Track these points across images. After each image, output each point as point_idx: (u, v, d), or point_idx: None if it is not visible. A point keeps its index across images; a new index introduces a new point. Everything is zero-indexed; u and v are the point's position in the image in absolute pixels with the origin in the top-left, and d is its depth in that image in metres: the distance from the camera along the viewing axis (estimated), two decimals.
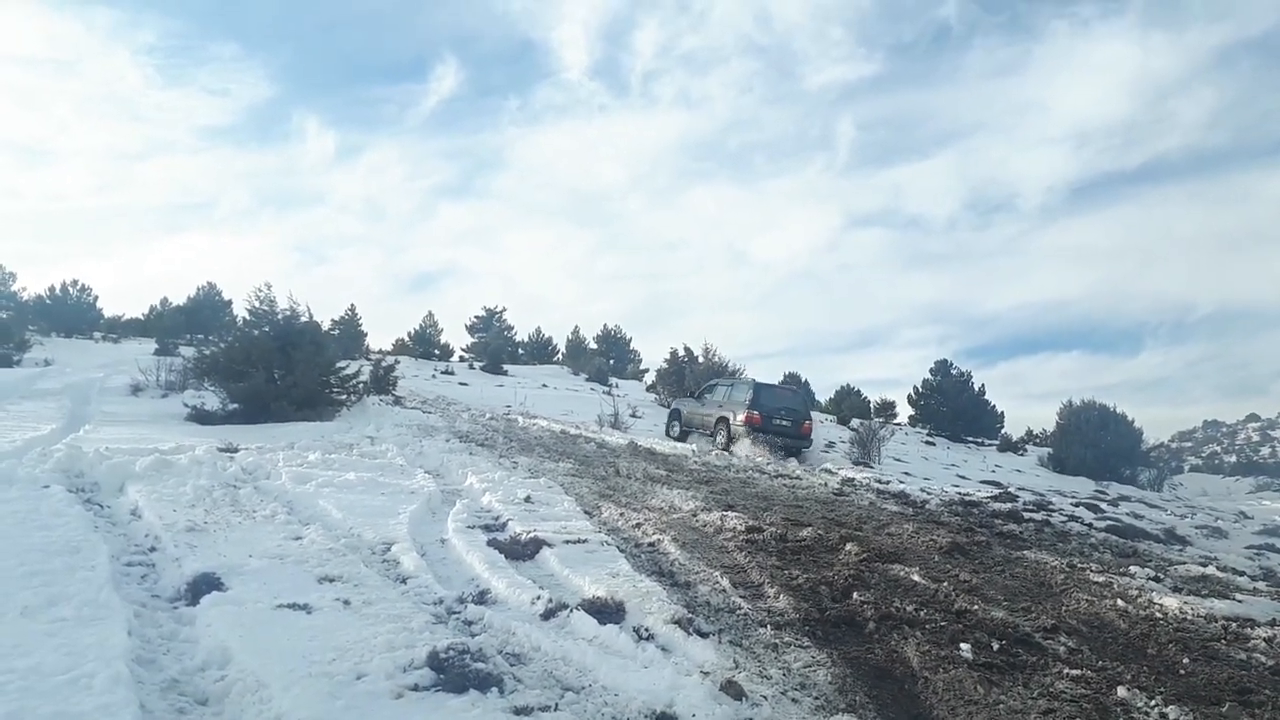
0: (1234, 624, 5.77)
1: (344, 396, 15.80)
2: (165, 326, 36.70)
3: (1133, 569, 7.44)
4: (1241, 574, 7.92)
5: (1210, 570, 7.90)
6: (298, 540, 6.16)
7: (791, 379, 47.83)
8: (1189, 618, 5.87)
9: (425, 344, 44.87)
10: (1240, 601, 6.37)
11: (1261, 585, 7.42)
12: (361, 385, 16.65)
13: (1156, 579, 7.11)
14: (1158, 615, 5.89)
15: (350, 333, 40.73)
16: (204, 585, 4.93)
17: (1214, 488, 30.04)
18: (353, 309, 44.47)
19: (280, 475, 8.50)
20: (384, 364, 20.99)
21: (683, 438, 20.52)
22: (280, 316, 16.27)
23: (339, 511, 7.16)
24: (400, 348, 44.61)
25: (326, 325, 29.31)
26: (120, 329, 38.97)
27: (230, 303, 39.94)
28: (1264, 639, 5.52)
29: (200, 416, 13.45)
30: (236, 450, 9.89)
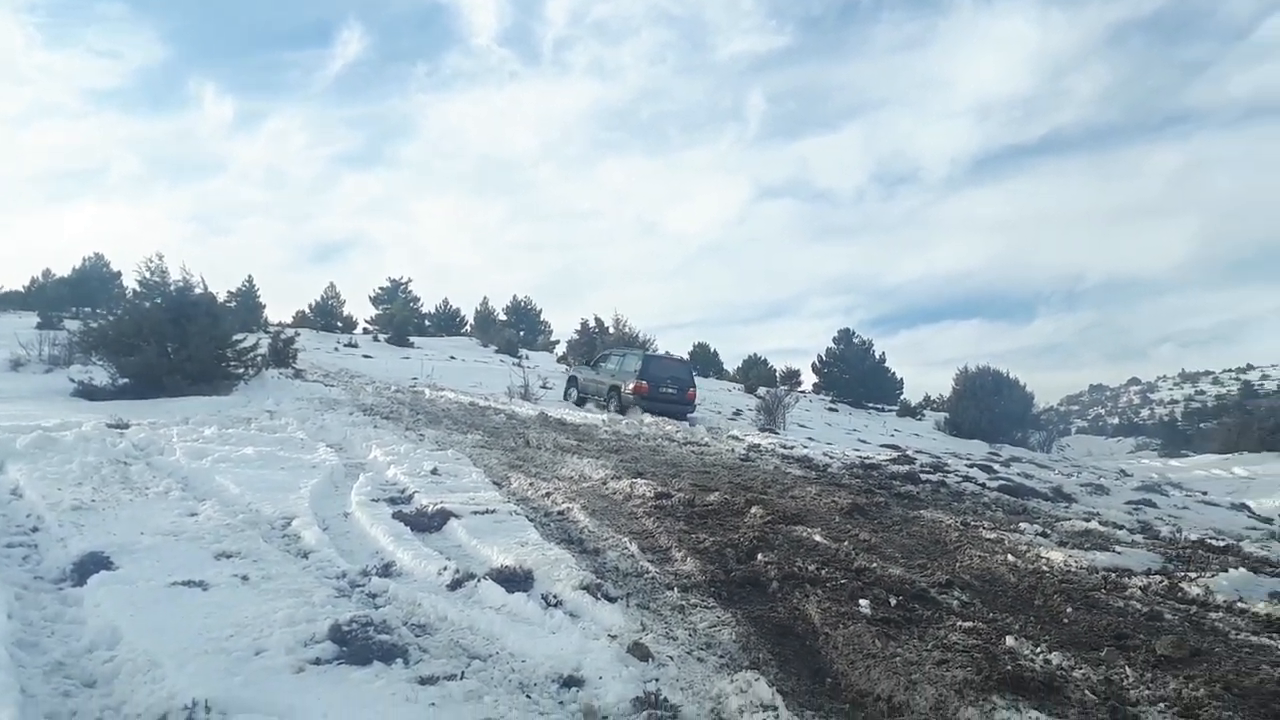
0: (1113, 574, 6.09)
1: (241, 370, 15.34)
2: (48, 299, 34.90)
3: (1022, 526, 7.77)
4: (1121, 528, 8.35)
5: (1093, 525, 8.31)
6: (193, 517, 5.97)
7: (700, 349, 48.30)
8: (1073, 570, 6.16)
9: (327, 316, 43.76)
10: (1119, 553, 6.72)
11: (1139, 538, 7.84)
12: (260, 358, 16.19)
13: (1044, 534, 7.44)
14: (1044, 568, 6.17)
15: (248, 305, 39.47)
16: (92, 565, 4.72)
17: (1098, 448, 31.63)
18: (250, 280, 43.08)
19: (174, 451, 8.21)
20: (284, 336, 20.41)
21: (580, 404, 21.49)
22: (173, 288, 15.67)
23: (237, 487, 6.96)
24: (301, 320, 43.37)
25: (223, 297, 28.28)
26: None
27: (120, 274, 38.24)
28: (1139, 587, 5.84)
29: (88, 392, 12.87)
30: (127, 426, 9.50)
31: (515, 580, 4.97)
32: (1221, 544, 7.77)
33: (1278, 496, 11.82)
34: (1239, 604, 5.43)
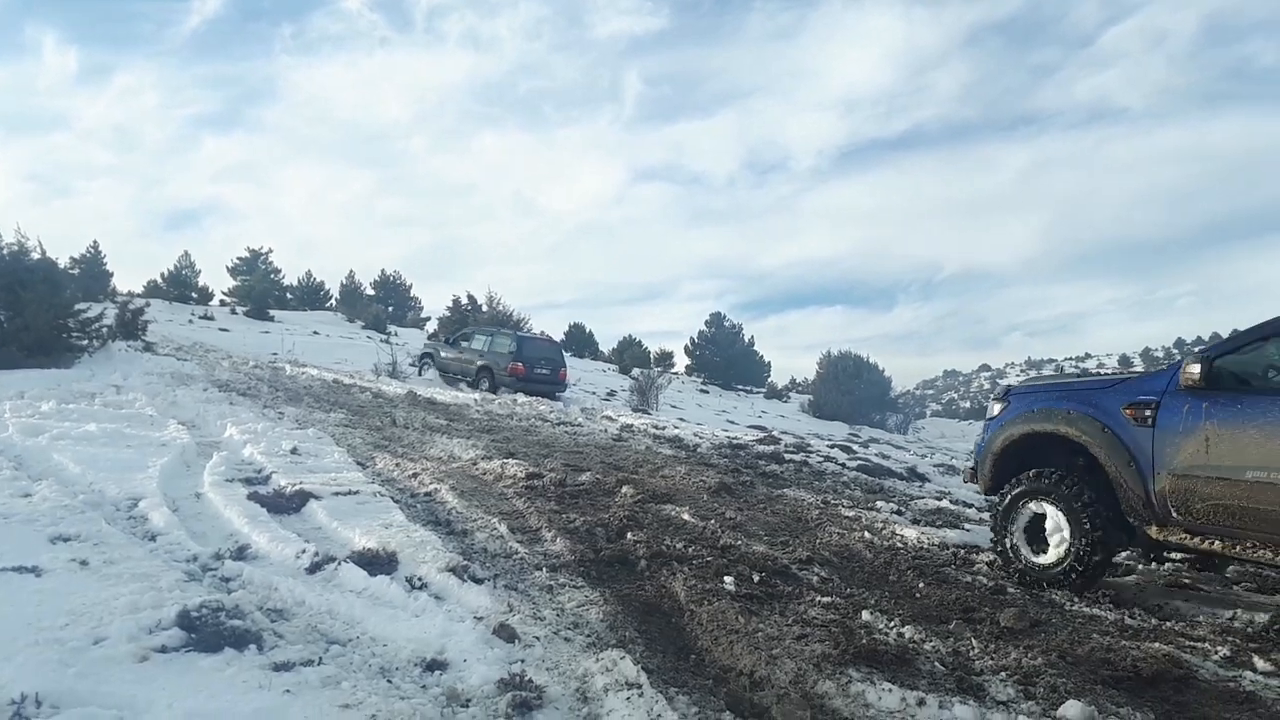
0: (962, 551, 6.42)
1: (85, 342, 14.41)
2: None
3: (879, 504, 8.11)
4: (970, 506, 8.81)
5: (945, 504, 8.73)
6: (26, 498, 5.56)
7: (576, 330, 48.28)
8: (925, 546, 6.47)
9: (181, 286, 41.55)
10: (968, 531, 7.10)
11: (986, 516, 8.29)
12: (105, 330, 15.25)
13: (899, 512, 7.78)
14: (899, 545, 6.45)
15: (93, 272, 37.08)
16: None
17: (951, 430, 33.24)
18: (95, 246, 40.46)
19: (6, 427, 7.64)
20: (132, 307, 19.26)
21: (452, 384, 21.25)
22: (5, 252, 14.54)
23: (78, 466, 6.53)
24: (153, 290, 41.02)
25: (65, 263, 26.47)
26: None
27: None
28: (986, 563, 6.17)
29: None
30: None
31: (378, 563, 4.85)
32: None
33: None
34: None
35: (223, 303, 42.41)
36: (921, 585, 5.50)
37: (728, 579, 5.09)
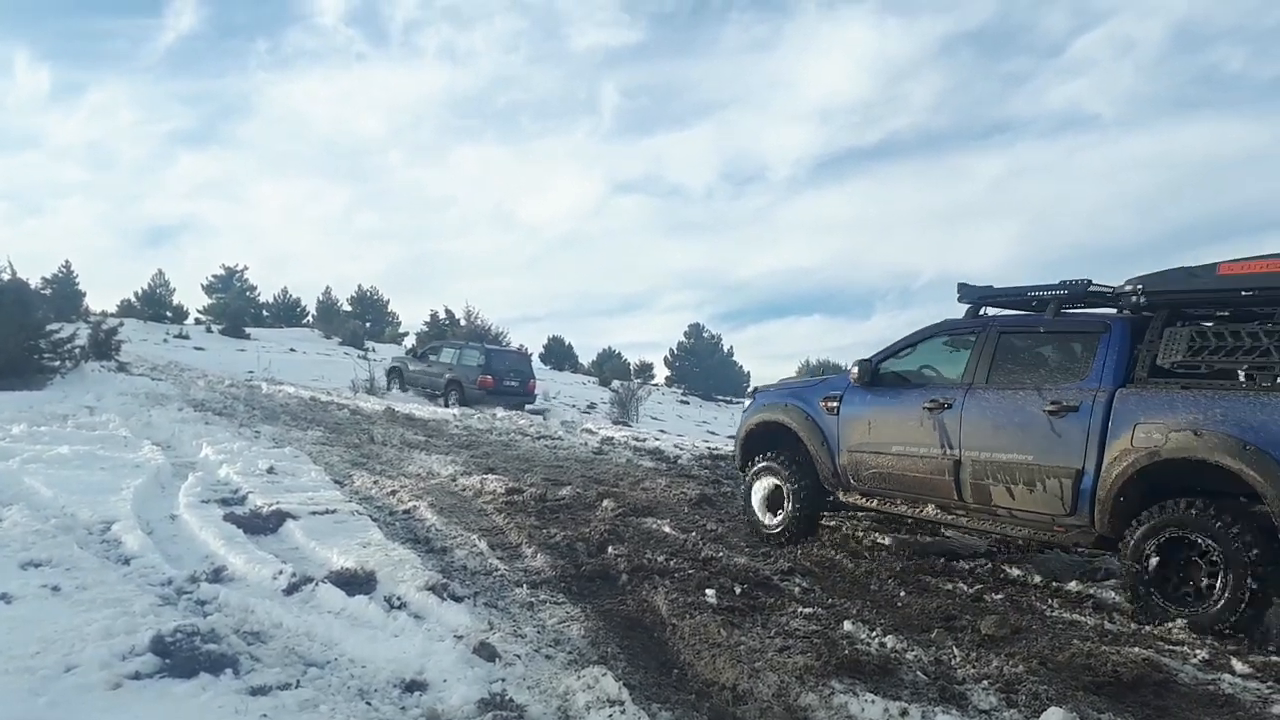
0: (943, 559, 6.43)
1: (57, 362, 14.24)
2: None
3: (860, 513, 8.10)
4: None
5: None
6: None
7: (555, 342, 48.26)
8: (906, 555, 6.47)
9: (156, 305, 41.11)
10: (949, 538, 7.11)
11: None
12: (78, 350, 15.07)
13: (880, 522, 7.78)
14: (880, 554, 6.46)
15: (65, 292, 36.56)
16: None
17: None
18: (68, 265, 39.94)
19: None
20: (106, 327, 19.06)
21: (432, 398, 21.25)
22: None
23: (49, 489, 6.44)
24: (127, 309, 40.56)
25: (36, 283, 26.16)
26: None
27: None
28: (967, 570, 6.19)
29: None
30: None
31: (356, 583, 4.80)
32: None
33: None
34: (1054, 584, 5.84)
35: (198, 321, 42.00)
36: (903, 594, 5.50)
37: (709, 592, 5.07)
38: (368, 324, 45.44)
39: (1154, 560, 4.97)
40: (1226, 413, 4.79)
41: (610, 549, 6.04)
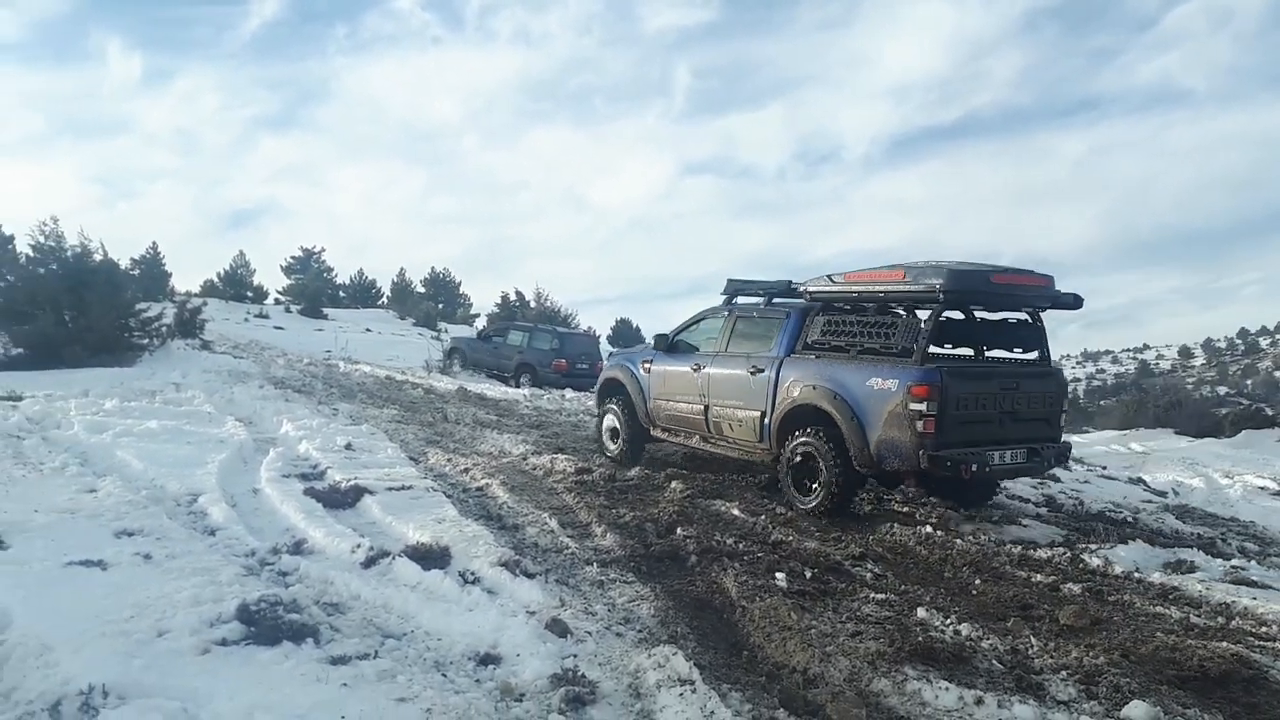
0: (1019, 547, 6.28)
1: (145, 341, 14.75)
2: None
3: (932, 499, 7.96)
4: (1027, 501, 8.63)
5: (1000, 499, 8.57)
6: (92, 493, 5.73)
7: (623, 325, 48.41)
8: (981, 543, 6.33)
9: (237, 285, 42.27)
10: (1025, 526, 6.95)
11: (1043, 511, 8.11)
12: (165, 329, 15.58)
13: (953, 508, 7.63)
14: (954, 542, 6.34)
15: (152, 273, 37.87)
16: None
17: None
18: (155, 247, 41.29)
19: (73, 425, 7.86)
20: (190, 306, 19.67)
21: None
22: (70, 254, 14.94)
23: (140, 462, 6.70)
24: (209, 290, 41.81)
25: (125, 264, 27.10)
26: None
27: (12, 238, 36.28)
28: (1044, 559, 6.03)
29: None
30: (21, 399, 9.07)
31: (431, 557, 4.89)
32: (1120, 517, 8.09)
33: (1170, 471, 12.36)
34: (1136, 574, 5.66)
35: (277, 301, 43.06)
36: (978, 582, 5.39)
37: (779, 575, 5.04)
38: (440, 305, 46.04)
39: (791, 469, 7.15)
40: (830, 374, 7.04)
41: (679, 530, 6.05)
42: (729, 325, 8.38)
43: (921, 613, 4.62)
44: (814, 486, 6.98)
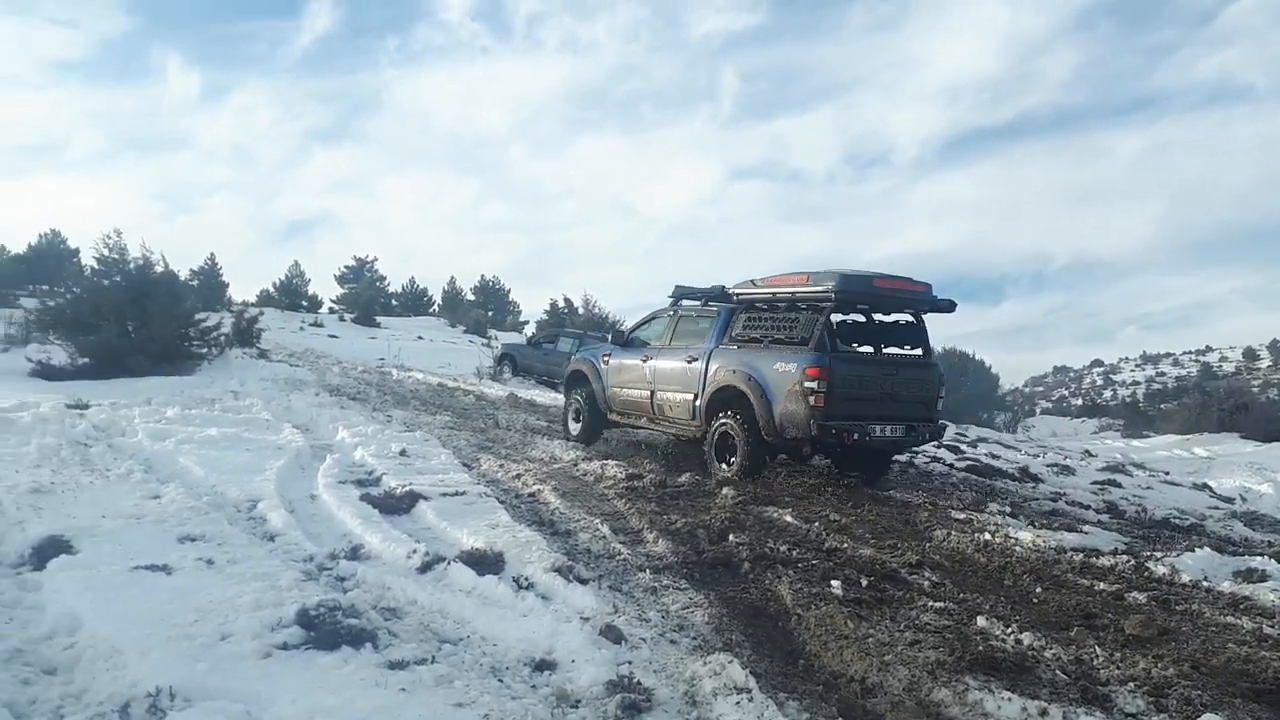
0: (1081, 554, 6.14)
1: (205, 350, 15.09)
2: (2, 276, 33.98)
3: (991, 506, 7.83)
4: (1088, 508, 8.46)
5: (1060, 505, 8.41)
6: (156, 499, 5.86)
7: None
8: (1041, 550, 6.20)
9: (292, 295, 43.14)
10: (1087, 533, 6.78)
11: (1105, 517, 7.94)
12: (223, 338, 15.92)
13: (1012, 515, 7.49)
14: (1014, 549, 6.22)
15: (210, 283, 38.80)
16: (51, 549, 4.62)
17: (1062, 428, 32.05)
18: (213, 258, 42.34)
19: (136, 432, 8.06)
20: (247, 315, 20.09)
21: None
22: (132, 266, 15.36)
23: (201, 468, 6.84)
24: (265, 299, 42.71)
25: (185, 275, 27.81)
26: None
27: (77, 251, 37.37)
28: (1107, 567, 5.89)
29: (46, 372, 12.59)
30: (87, 407, 9.31)
31: (486, 563, 4.92)
32: (1186, 523, 7.89)
33: (1237, 476, 12.03)
34: (1204, 583, 5.50)
35: (331, 310, 43.81)
36: (1039, 590, 5.28)
37: (835, 583, 4.98)
38: (490, 313, 46.50)
39: (716, 442, 8.65)
40: (747, 361, 8.52)
41: (731, 537, 6.01)
42: (673, 323, 9.89)
43: (981, 621, 4.54)
44: (732, 460, 8.45)
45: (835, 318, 8.78)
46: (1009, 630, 4.44)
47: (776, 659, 4.11)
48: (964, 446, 14.32)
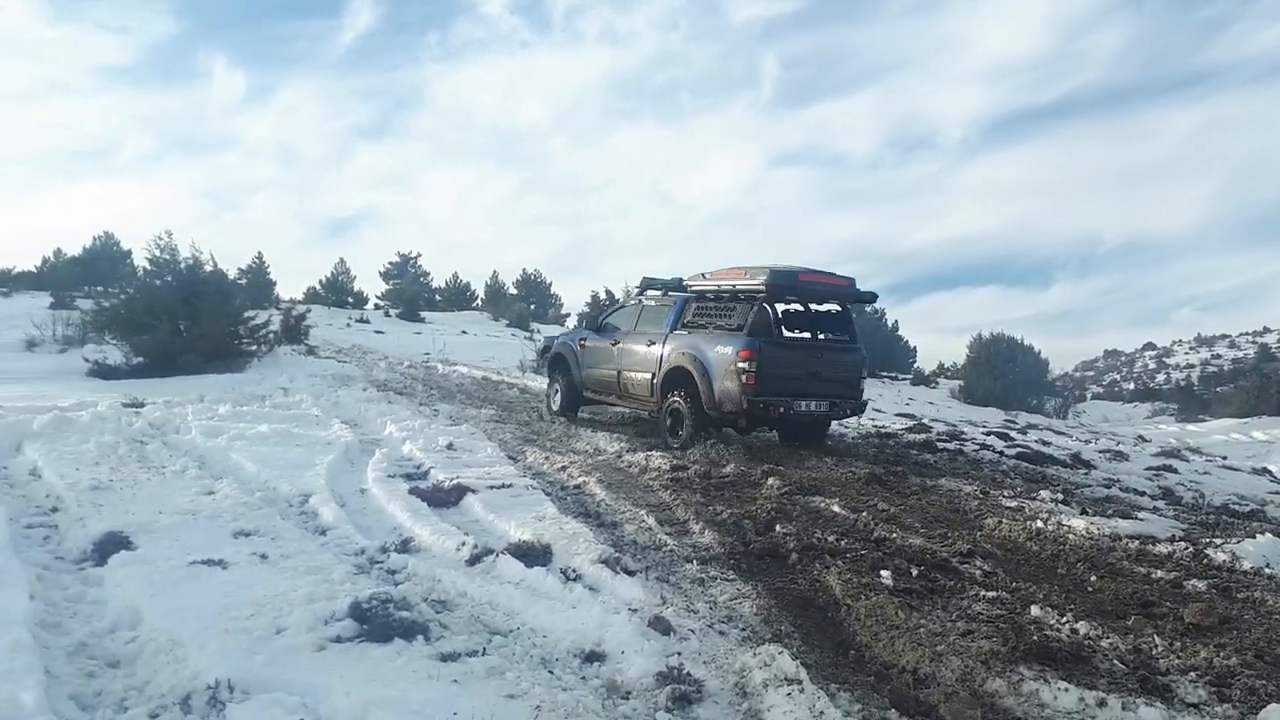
0: (1137, 542, 6.02)
1: (254, 347, 15.34)
2: (60, 279, 34.74)
3: (1042, 493, 7.70)
4: (1143, 494, 8.28)
5: (1114, 492, 8.24)
6: (210, 495, 5.97)
7: None
8: (1095, 537, 6.09)
9: (338, 292, 43.64)
10: (1142, 520, 6.64)
11: (1161, 504, 7.77)
12: (272, 335, 16.19)
13: (1064, 502, 7.36)
14: (1067, 536, 6.11)
15: (258, 281, 39.36)
16: (111, 545, 4.74)
17: (1114, 414, 31.43)
18: (260, 257, 42.96)
19: (190, 429, 8.21)
20: (295, 313, 20.39)
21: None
22: (183, 266, 15.66)
23: (253, 464, 6.96)
24: (312, 296, 43.28)
25: (233, 274, 28.28)
26: (10, 282, 36.83)
27: (130, 253, 38.19)
28: (1164, 554, 5.77)
29: (103, 371, 12.91)
30: (143, 405, 9.51)
31: (534, 555, 4.95)
32: (1245, 509, 7.71)
33: None
34: (1267, 570, 5.37)
35: (376, 306, 44.24)
36: (1094, 578, 5.19)
37: (884, 573, 4.94)
38: (532, 306, 46.68)
39: (668, 416, 9.76)
40: (694, 344, 9.59)
41: (778, 527, 5.98)
42: (637, 311, 11.08)
43: (1035, 610, 4.47)
44: (680, 432, 9.57)
45: (782, 307, 10.43)
46: (1064, 619, 4.37)
47: (826, 650, 4.08)
48: (1013, 433, 14.12)
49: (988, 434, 13.32)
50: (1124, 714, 3.32)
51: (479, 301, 48.97)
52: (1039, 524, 6.37)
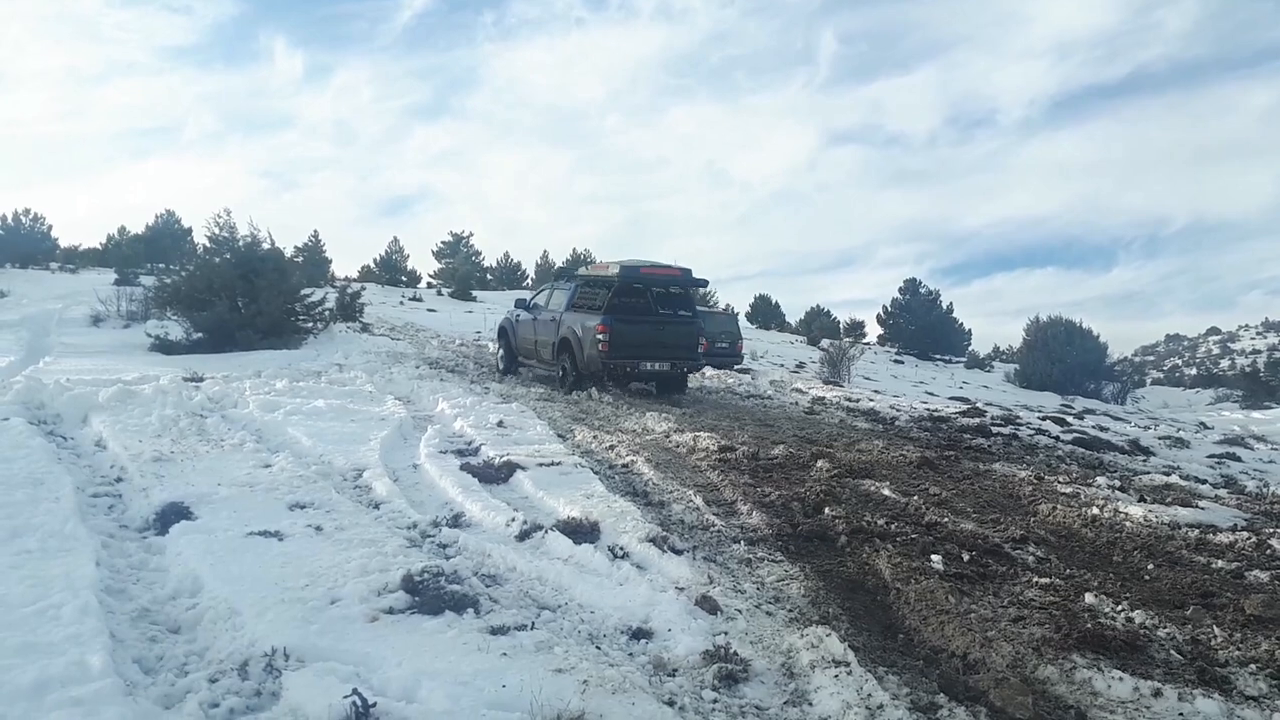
0: (1196, 530, 5.88)
1: (310, 324, 15.63)
2: (124, 256, 35.75)
3: (1099, 480, 7.55)
4: (1204, 482, 8.08)
5: (1173, 479, 8.05)
6: (267, 468, 6.11)
7: (761, 301, 48.00)
8: (1153, 525, 5.96)
9: (392, 270, 44.26)
10: (1203, 509, 6.49)
11: (1223, 493, 7.57)
12: (328, 313, 16.47)
13: (1122, 489, 7.21)
14: (1123, 524, 5.99)
15: (314, 259, 40.06)
16: (173, 515, 4.87)
17: (1175, 400, 30.66)
18: (316, 235, 43.68)
19: (248, 404, 8.41)
20: (350, 291, 20.69)
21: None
22: (241, 243, 15.96)
23: (309, 439, 7.10)
24: (366, 274, 43.96)
25: (290, 252, 28.74)
26: (78, 259, 38.00)
27: (190, 230, 39.05)
28: (1225, 544, 5.62)
29: (164, 346, 13.26)
30: (202, 379, 9.76)
31: (582, 532, 4.98)
32: None
33: None
34: None
35: (429, 284, 44.77)
36: (1150, 567, 5.09)
37: (935, 557, 4.89)
38: None
39: (560, 372, 12.51)
40: (578, 319, 12.18)
41: (827, 509, 5.94)
42: (550, 294, 13.82)
43: (1089, 598, 4.39)
44: (567, 383, 12.26)
45: (655, 292, 12.88)
46: (1119, 608, 4.29)
47: (875, 633, 4.05)
48: (1070, 418, 13.86)
49: (1043, 419, 13.09)
50: (1180, 705, 3.25)
51: (529, 281, 49.25)
52: (1095, 511, 6.25)
